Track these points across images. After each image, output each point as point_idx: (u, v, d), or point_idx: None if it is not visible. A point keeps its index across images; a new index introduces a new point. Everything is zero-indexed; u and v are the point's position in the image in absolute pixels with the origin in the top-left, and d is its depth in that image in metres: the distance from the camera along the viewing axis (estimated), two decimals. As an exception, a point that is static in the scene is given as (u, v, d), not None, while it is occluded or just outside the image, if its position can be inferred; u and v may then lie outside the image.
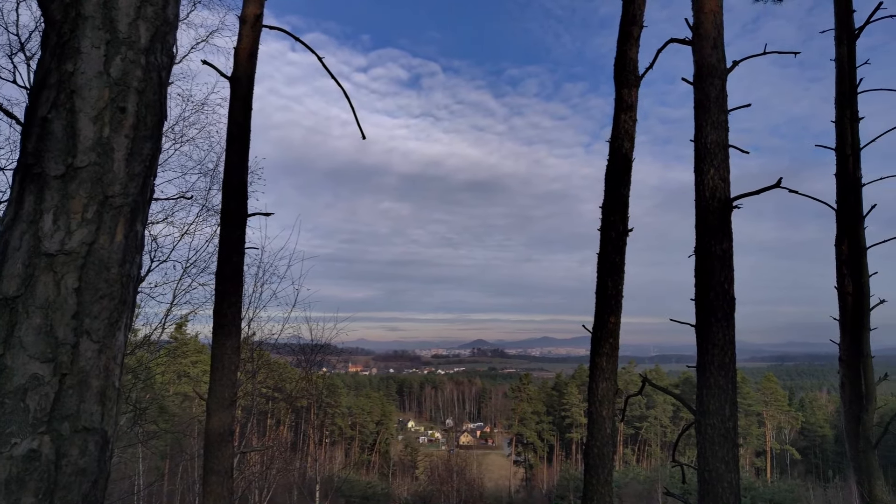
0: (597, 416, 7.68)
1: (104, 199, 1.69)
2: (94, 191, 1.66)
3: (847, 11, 11.26)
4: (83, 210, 1.65)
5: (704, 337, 7.60)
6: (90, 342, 1.64)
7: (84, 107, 1.68)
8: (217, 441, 8.13)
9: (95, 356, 1.65)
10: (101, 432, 1.66)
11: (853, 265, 10.70)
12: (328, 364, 30.75)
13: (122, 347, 1.69)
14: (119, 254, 1.71)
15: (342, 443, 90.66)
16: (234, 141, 8.51)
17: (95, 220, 1.67)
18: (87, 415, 1.62)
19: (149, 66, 1.79)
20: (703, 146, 7.95)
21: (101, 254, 1.68)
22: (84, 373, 1.62)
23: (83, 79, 1.70)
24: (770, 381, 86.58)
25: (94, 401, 1.62)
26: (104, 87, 1.71)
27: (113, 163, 1.71)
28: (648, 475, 59.70)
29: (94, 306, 1.66)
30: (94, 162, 1.68)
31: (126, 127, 1.73)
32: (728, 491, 7.32)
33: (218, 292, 8.33)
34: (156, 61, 1.81)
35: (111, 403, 1.66)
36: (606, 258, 7.99)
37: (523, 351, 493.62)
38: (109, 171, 1.70)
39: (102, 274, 1.68)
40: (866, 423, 10.32)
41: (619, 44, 8.35)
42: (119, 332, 1.71)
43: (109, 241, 1.69)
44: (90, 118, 1.69)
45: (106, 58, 1.72)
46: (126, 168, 1.72)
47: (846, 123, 11.01)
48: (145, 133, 1.78)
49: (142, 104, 1.77)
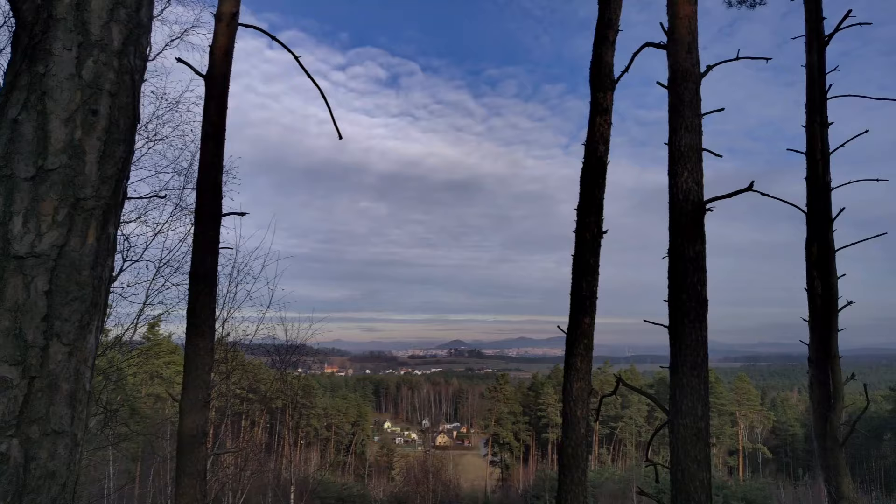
0: (571, 417, 7.74)
1: (75, 201, 1.68)
2: (65, 193, 1.65)
3: (817, 18, 11.49)
4: (54, 212, 1.64)
5: (677, 338, 7.69)
6: (60, 345, 1.63)
7: (55, 109, 1.67)
8: (190, 443, 8.06)
9: (65, 359, 1.64)
10: (70, 435, 1.64)
11: (822, 267, 10.90)
12: (303, 365, 30.60)
13: (93, 350, 1.69)
14: (90, 256, 1.71)
15: (318, 444, 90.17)
16: (208, 139, 8.44)
17: (66, 222, 1.66)
18: (57, 418, 1.61)
19: (122, 68, 1.78)
20: (677, 149, 8.05)
21: (72, 256, 1.67)
22: (54, 376, 1.61)
23: (54, 81, 1.69)
24: (743, 381, 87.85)
25: (64, 404, 1.61)
26: (76, 89, 1.71)
27: (85, 165, 1.70)
28: (623, 475, 60.20)
29: (65, 309, 1.65)
30: (66, 164, 1.67)
31: (98, 130, 1.72)
32: (700, 490, 7.42)
33: (191, 292, 8.26)
34: (129, 64, 1.81)
35: (81, 406, 1.65)
36: (581, 259, 8.06)
37: (500, 351, 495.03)
38: (81, 174, 1.69)
39: (73, 276, 1.67)
40: (834, 423, 10.52)
41: (595, 47, 8.42)
42: (90, 335, 1.70)
43: (81, 244, 1.68)
44: (62, 120, 1.68)
45: (78, 60, 1.71)
46: (98, 171, 1.72)
47: (816, 128, 11.22)
48: (118, 136, 1.78)
49: (115, 107, 1.76)
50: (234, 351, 16.78)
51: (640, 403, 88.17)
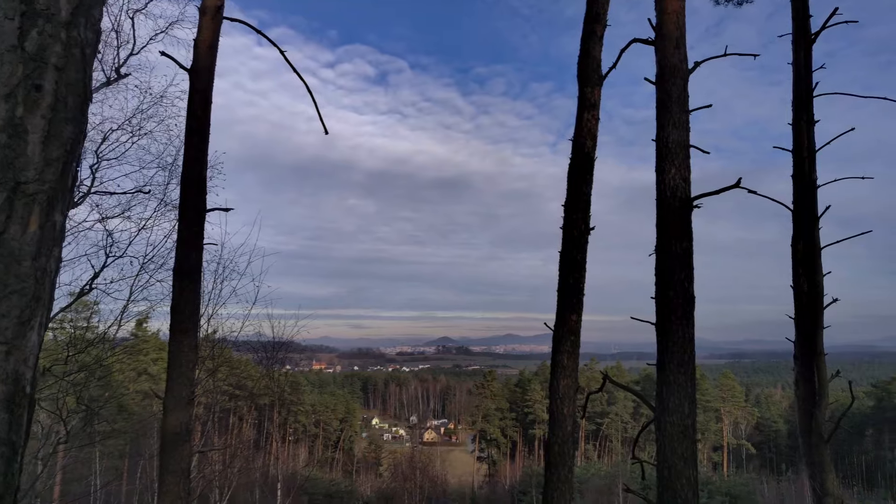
0: (558, 414, 7.66)
1: (16, 185, 1.53)
2: (3, 176, 1.50)
3: (804, 16, 11.45)
4: None
5: (664, 335, 7.63)
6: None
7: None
8: (174, 440, 7.96)
9: (3, 358, 1.49)
10: (7, 443, 1.49)
11: (808, 265, 10.88)
12: (291, 362, 30.43)
13: (35, 349, 1.53)
14: (32, 246, 1.56)
15: (305, 440, 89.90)
16: (192, 134, 8.33)
17: (5, 208, 1.51)
18: None
19: (70, 41, 1.63)
20: (665, 145, 7.98)
21: (11, 245, 1.52)
22: None
23: None
24: (728, 377, 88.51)
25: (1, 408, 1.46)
26: (17, 62, 1.56)
27: (27, 146, 1.55)
28: (609, 471, 60.39)
29: (2, 303, 1.50)
30: (5, 144, 1.53)
31: (42, 107, 1.57)
32: (687, 486, 7.38)
33: (175, 289, 8.17)
34: (79, 36, 1.65)
35: (20, 410, 1.49)
36: (568, 256, 7.98)
37: (488, 348, 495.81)
38: (22, 155, 1.54)
39: (12, 268, 1.52)
40: (819, 419, 10.52)
41: (583, 42, 8.32)
42: (31, 332, 1.55)
43: (21, 232, 1.53)
44: (1, 96, 1.53)
45: (20, 30, 1.56)
46: (42, 152, 1.56)
47: (802, 126, 11.19)
48: (65, 115, 1.63)
49: (62, 83, 1.61)
50: (220, 348, 16.58)
51: (625, 400, 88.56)
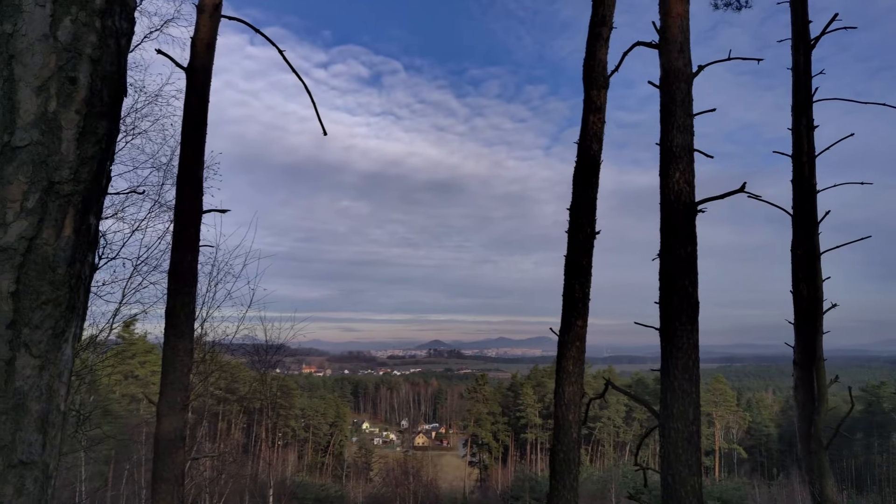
0: (563, 421, 7.57)
1: (49, 185, 1.42)
2: (36, 175, 1.39)
3: (804, 22, 11.46)
4: (23, 198, 1.38)
5: (669, 340, 7.57)
6: (29, 357, 1.37)
7: (25, 75, 1.41)
8: (167, 446, 7.85)
9: (36, 374, 1.37)
10: (41, 466, 1.37)
11: (808, 270, 10.86)
12: (282, 365, 30.27)
13: (69, 363, 1.41)
14: (67, 251, 1.44)
15: (295, 445, 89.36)
16: (189, 134, 8.25)
17: (38, 210, 1.40)
18: (25, 446, 1.35)
19: (105, 30, 1.51)
20: (669, 149, 7.94)
21: (45, 251, 1.41)
22: (21, 395, 1.35)
23: (24, 42, 1.43)
24: (720, 382, 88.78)
25: (34, 428, 1.33)
26: (50, 52, 1.44)
27: (60, 143, 1.44)
28: (602, 475, 60.42)
29: (35, 314, 1.39)
30: (37, 141, 1.41)
31: (77, 101, 1.46)
32: (691, 494, 7.31)
33: (170, 291, 8.06)
34: (114, 25, 1.54)
35: (55, 430, 1.36)
36: (574, 261, 7.90)
37: (480, 351, 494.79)
38: (56, 153, 1.43)
39: (46, 275, 1.41)
40: (818, 425, 10.49)
41: (589, 45, 8.26)
42: (66, 345, 1.43)
43: (55, 236, 1.42)
44: (32, 89, 1.42)
45: (53, 18, 1.44)
46: (77, 149, 1.45)
47: (802, 131, 11.19)
48: (101, 109, 1.51)
49: (97, 75, 1.49)
50: (212, 352, 16.41)
51: (618, 404, 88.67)
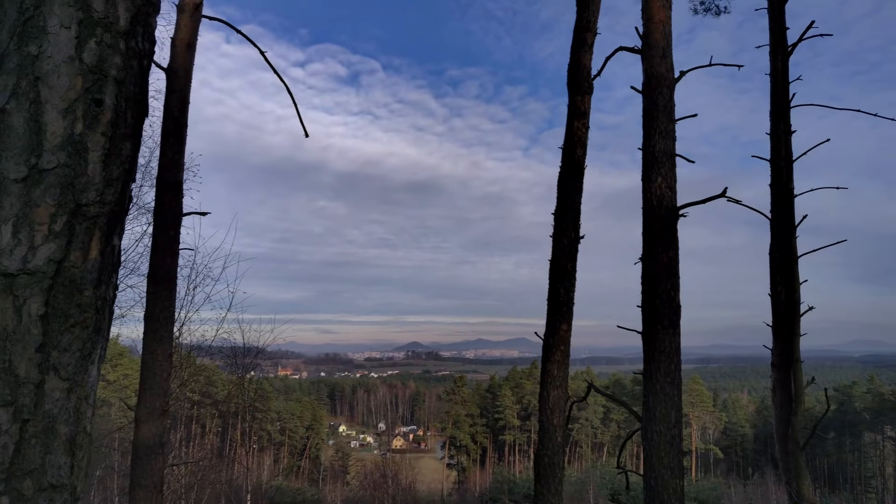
0: (548, 425, 7.62)
1: (76, 207, 1.41)
2: (63, 198, 1.39)
3: (781, 29, 11.65)
4: (50, 221, 1.38)
5: (651, 344, 7.65)
6: (58, 380, 1.36)
7: (52, 97, 1.41)
8: (146, 453, 7.75)
9: (64, 397, 1.37)
10: (69, 489, 1.37)
11: (786, 273, 11.03)
12: (258, 368, 30.03)
13: (95, 384, 1.40)
14: (94, 273, 1.44)
15: (271, 448, 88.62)
16: (169, 136, 8.16)
17: (66, 232, 1.40)
18: (54, 468, 1.34)
19: (129, 52, 1.52)
20: (651, 154, 8.02)
21: (73, 273, 1.41)
22: (50, 418, 1.34)
23: (50, 64, 1.42)
24: (696, 383, 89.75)
25: (63, 451, 1.34)
26: (76, 74, 1.44)
27: (87, 165, 1.44)
28: (580, 477, 60.82)
29: (64, 337, 1.38)
30: (64, 163, 1.41)
31: (103, 123, 1.46)
32: (673, 497, 7.39)
33: (149, 295, 7.97)
34: (137, 47, 1.54)
35: (82, 453, 1.36)
36: (558, 265, 7.95)
37: (458, 353, 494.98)
38: (83, 175, 1.43)
39: (74, 297, 1.40)
40: (795, 426, 10.65)
41: (573, 50, 8.33)
42: (92, 367, 1.43)
43: (83, 259, 1.42)
44: (59, 111, 1.41)
45: (78, 40, 1.44)
46: (103, 171, 1.45)
47: (780, 136, 11.36)
48: (125, 130, 1.51)
49: (121, 96, 1.50)
50: (189, 356, 16.24)
51: (596, 405, 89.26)
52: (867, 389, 78.95)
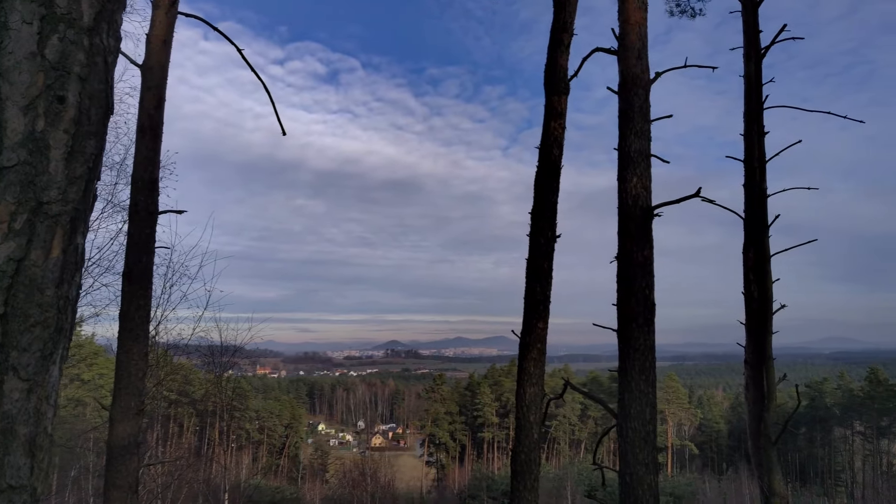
0: (524, 422, 7.66)
1: (37, 205, 1.40)
2: (24, 195, 1.37)
3: (755, 31, 11.82)
4: (10, 219, 1.36)
5: (626, 342, 7.72)
6: (17, 380, 1.34)
7: (12, 94, 1.39)
8: (121, 453, 7.69)
9: (24, 397, 1.34)
10: (29, 490, 1.35)
11: (759, 272, 11.19)
12: (236, 367, 29.85)
13: (56, 384, 1.38)
14: (56, 272, 1.42)
15: (250, 447, 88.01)
16: (144, 133, 8.08)
17: (26, 231, 1.38)
18: (13, 470, 1.32)
19: (93, 48, 1.49)
20: (627, 154, 8.08)
21: (34, 272, 1.39)
22: (9, 418, 1.32)
23: (11, 60, 1.40)
24: (672, 380, 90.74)
25: (22, 452, 1.31)
26: (38, 71, 1.42)
27: (49, 163, 1.42)
28: (558, 473, 61.22)
29: (24, 337, 1.36)
30: (25, 161, 1.39)
31: (65, 120, 1.44)
32: (648, 493, 7.48)
33: (125, 294, 7.90)
34: (101, 43, 1.52)
35: (42, 454, 1.34)
36: (535, 264, 7.99)
37: (437, 351, 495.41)
38: (44, 173, 1.41)
39: (34, 297, 1.38)
40: (767, 422, 10.82)
41: (550, 51, 8.36)
42: (53, 367, 1.41)
43: (44, 257, 1.40)
44: (20, 108, 1.39)
45: (40, 36, 1.42)
46: (65, 169, 1.43)
47: (754, 137, 11.53)
48: (89, 128, 1.49)
49: (85, 93, 1.48)
50: (165, 354, 16.06)
51: (573, 402, 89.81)
52: (837, 386, 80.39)
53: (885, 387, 72.63)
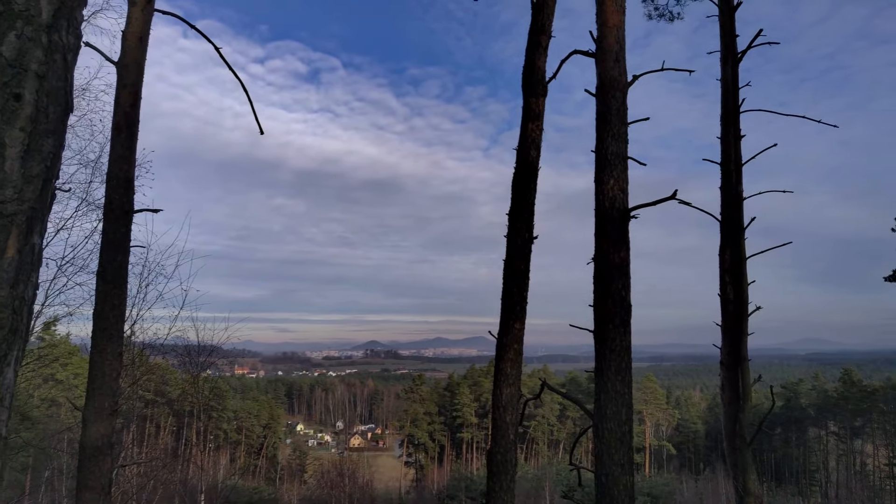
0: (500, 423, 7.67)
1: None
2: None
3: (731, 36, 11.95)
4: None
5: (603, 343, 7.75)
6: None
7: None
8: (93, 454, 7.56)
9: None
10: None
11: (735, 274, 11.30)
12: (214, 367, 29.60)
13: (10, 386, 1.35)
14: (10, 273, 1.39)
15: (227, 448, 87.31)
16: (120, 131, 7.96)
17: None
18: None
19: (52, 46, 1.47)
20: (604, 157, 8.12)
21: None
22: None
23: None
24: (650, 380, 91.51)
25: None
26: None
27: (4, 161, 1.39)
28: (536, 473, 61.42)
29: None
30: None
31: (22, 118, 1.41)
32: (624, 493, 7.51)
33: (99, 293, 7.77)
34: (60, 41, 1.49)
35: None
36: (512, 265, 8.01)
37: (417, 352, 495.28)
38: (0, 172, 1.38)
39: None
40: (743, 423, 10.93)
41: (528, 53, 8.39)
42: (7, 369, 1.38)
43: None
44: None
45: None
46: (21, 168, 1.40)
47: (730, 141, 11.64)
48: (46, 127, 1.46)
49: (42, 91, 1.45)
50: (141, 355, 15.87)
51: (552, 403, 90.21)
52: (812, 386, 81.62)
53: (858, 388, 73.85)
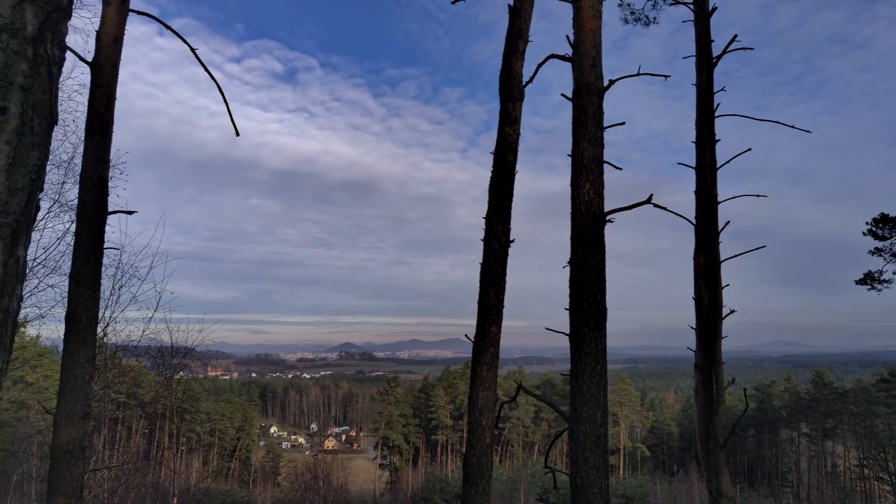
0: (476, 426, 7.70)
1: None
2: None
3: (706, 41, 12.12)
4: None
5: (578, 346, 7.81)
6: None
7: None
8: (65, 458, 7.46)
9: None
10: None
11: (709, 277, 11.43)
12: (186, 368, 29.32)
13: None
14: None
15: (200, 450, 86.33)
16: (94, 132, 7.86)
17: None
18: None
19: (37, 58, 1.47)
20: (580, 161, 8.18)
21: None
22: None
23: None
24: (625, 382, 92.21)
25: None
26: None
27: None
28: (511, 475, 61.60)
29: None
30: None
31: (7, 131, 1.41)
32: (599, 496, 7.58)
33: (72, 295, 7.66)
34: (46, 54, 1.49)
35: None
36: (489, 268, 8.05)
37: (392, 354, 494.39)
38: None
39: None
40: (716, 425, 11.06)
41: (505, 57, 8.44)
42: None
43: None
44: None
45: None
46: (7, 181, 1.40)
47: (705, 145, 11.78)
48: (32, 139, 1.46)
49: (28, 104, 1.45)
50: (114, 356, 15.65)
51: (527, 405, 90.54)
52: (784, 388, 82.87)
53: (829, 389, 75.16)
